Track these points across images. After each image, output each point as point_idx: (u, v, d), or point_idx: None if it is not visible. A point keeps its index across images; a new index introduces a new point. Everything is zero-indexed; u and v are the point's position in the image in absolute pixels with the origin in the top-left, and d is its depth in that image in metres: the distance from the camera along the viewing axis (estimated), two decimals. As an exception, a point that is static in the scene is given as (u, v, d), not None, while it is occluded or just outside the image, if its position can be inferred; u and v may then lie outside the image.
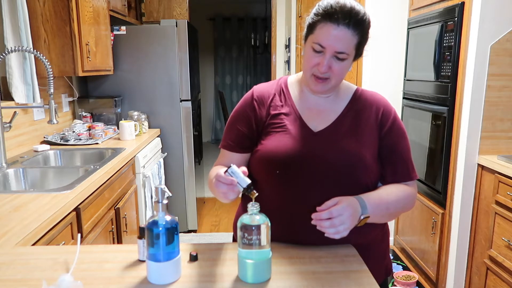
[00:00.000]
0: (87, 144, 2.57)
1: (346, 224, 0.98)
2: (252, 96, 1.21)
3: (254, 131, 1.18)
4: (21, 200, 1.50)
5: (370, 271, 0.99)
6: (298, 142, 1.13)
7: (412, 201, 1.18)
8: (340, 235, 0.99)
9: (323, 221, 0.98)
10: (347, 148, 1.12)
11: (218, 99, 7.21)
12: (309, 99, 1.20)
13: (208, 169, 4.68)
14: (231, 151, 1.21)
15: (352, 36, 1.06)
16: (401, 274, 2.65)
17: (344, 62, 1.09)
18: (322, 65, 1.08)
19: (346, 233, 0.99)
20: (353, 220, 1.00)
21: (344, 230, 0.98)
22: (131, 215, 2.45)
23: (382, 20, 2.93)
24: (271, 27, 4.56)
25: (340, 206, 0.99)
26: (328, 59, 1.07)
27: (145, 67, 3.27)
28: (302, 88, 1.21)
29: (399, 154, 1.17)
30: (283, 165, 1.11)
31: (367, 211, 1.04)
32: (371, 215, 1.05)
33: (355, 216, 1.01)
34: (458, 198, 2.29)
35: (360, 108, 1.18)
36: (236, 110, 1.23)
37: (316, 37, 1.07)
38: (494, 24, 2.10)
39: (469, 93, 2.18)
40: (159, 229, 0.90)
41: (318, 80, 1.11)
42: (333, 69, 1.09)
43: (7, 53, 1.92)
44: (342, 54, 1.07)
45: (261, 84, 1.26)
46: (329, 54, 1.07)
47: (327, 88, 1.14)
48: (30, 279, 0.95)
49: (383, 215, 1.12)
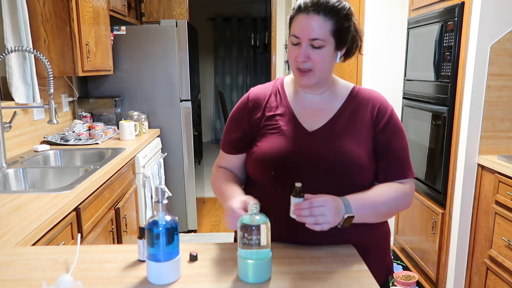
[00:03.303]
0: (87, 144, 2.57)
1: (326, 216, 0.98)
2: (247, 99, 1.23)
3: (248, 134, 1.20)
4: (21, 200, 1.50)
5: (371, 271, 0.99)
6: (292, 142, 1.13)
7: (406, 201, 1.16)
8: (320, 227, 0.98)
9: (302, 210, 0.98)
10: (342, 148, 1.12)
11: (218, 99, 7.21)
12: (305, 98, 1.20)
13: (208, 169, 4.68)
14: (228, 154, 1.26)
15: (324, 21, 1.07)
16: (401, 274, 2.65)
17: (322, 50, 1.08)
18: (299, 55, 1.09)
19: (327, 227, 0.99)
20: (335, 215, 0.99)
21: (323, 222, 0.98)
22: (131, 215, 2.45)
23: (382, 20, 2.93)
24: (271, 27, 4.56)
25: (321, 197, 1.00)
26: (304, 48, 1.08)
27: (145, 67, 3.27)
28: (296, 87, 1.22)
29: (393, 152, 1.15)
30: (277, 166, 1.12)
31: (351, 210, 1.03)
32: (356, 215, 1.04)
33: (337, 211, 1.00)
34: (458, 198, 2.29)
35: (357, 107, 1.17)
36: (234, 112, 1.26)
37: (292, 30, 1.11)
38: (494, 24, 2.10)
39: (469, 93, 2.18)
40: (159, 229, 0.90)
41: (302, 74, 1.12)
42: (312, 59, 1.09)
43: (7, 53, 1.92)
44: (316, 40, 1.07)
45: (258, 86, 1.27)
46: (304, 43, 1.08)
47: (313, 81, 1.13)
48: (30, 279, 0.95)
49: (371, 215, 1.11)
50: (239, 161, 1.25)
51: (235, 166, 1.26)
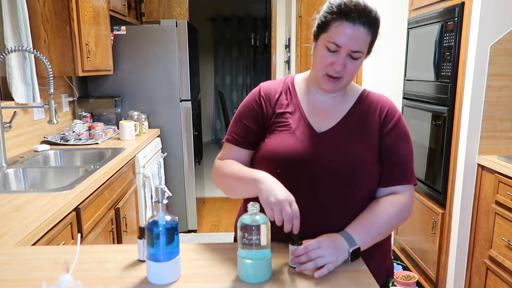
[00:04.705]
0: (87, 144, 2.57)
1: (324, 257, 0.96)
2: (259, 93, 1.21)
3: (260, 127, 1.18)
4: (21, 200, 1.50)
5: (371, 272, 0.99)
6: (301, 142, 1.12)
7: (407, 212, 1.14)
8: (327, 269, 0.95)
9: (299, 256, 0.97)
10: (349, 151, 1.11)
11: (218, 99, 7.21)
12: (315, 98, 1.19)
13: (208, 169, 4.68)
14: (237, 146, 1.19)
15: (367, 35, 1.06)
16: (401, 274, 2.65)
17: (357, 61, 1.09)
18: (337, 64, 1.07)
19: (332, 266, 0.96)
20: (334, 253, 0.98)
21: (324, 263, 0.96)
22: (131, 215, 2.45)
23: (382, 20, 2.93)
24: (271, 27, 4.56)
25: (315, 240, 0.99)
26: (343, 58, 1.07)
27: (145, 67, 3.27)
28: (309, 87, 1.21)
29: (396, 156, 1.14)
30: (284, 164, 1.11)
31: (355, 243, 1.02)
32: (362, 244, 1.02)
33: (335, 249, 0.98)
34: (458, 198, 2.29)
35: (365, 110, 1.17)
36: (244, 105, 1.22)
37: (331, 36, 1.06)
38: (494, 24, 2.10)
39: (469, 93, 2.18)
40: (159, 229, 0.90)
41: (331, 80, 1.10)
42: (347, 68, 1.08)
43: (7, 53, 1.92)
44: (357, 53, 1.06)
45: (268, 81, 1.26)
46: (344, 53, 1.06)
47: (339, 88, 1.13)
48: (30, 279, 0.95)
49: (377, 238, 1.09)
50: (246, 157, 1.20)
51: (242, 162, 1.19)
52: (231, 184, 1.16)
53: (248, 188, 1.07)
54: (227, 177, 1.16)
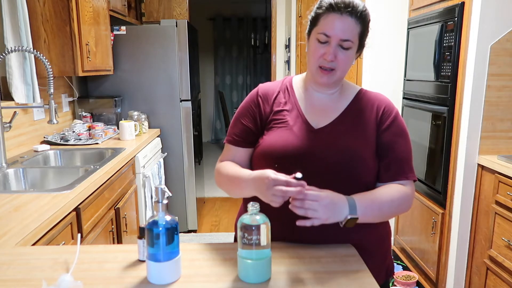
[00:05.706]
0: (87, 144, 2.57)
1: (316, 212, 0.98)
2: (257, 93, 1.25)
3: (258, 127, 1.21)
4: (21, 200, 1.50)
5: (371, 272, 0.99)
6: (298, 138, 1.14)
7: (407, 203, 1.16)
8: (311, 222, 0.98)
9: (295, 200, 0.99)
10: (346, 146, 1.13)
11: (218, 99, 7.21)
12: (313, 96, 1.22)
13: (208, 169, 4.68)
14: (236, 146, 1.24)
15: (356, 24, 1.10)
16: (401, 274, 2.65)
17: (349, 51, 1.11)
18: (328, 53, 1.10)
19: (317, 222, 0.99)
20: (328, 213, 0.99)
21: (312, 215, 0.98)
22: (131, 215, 2.45)
23: (382, 20, 2.93)
24: (271, 27, 4.56)
25: (317, 192, 1.00)
26: (334, 48, 1.10)
27: (145, 67, 3.27)
28: (306, 86, 1.23)
29: (395, 152, 1.16)
30: (281, 159, 1.12)
31: (356, 212, 1.03)
32: (361, 216, 1.03)
33: (332, 210, 1.00)
34: (458, 198, 2.29)
35: (362, 107, 1.19)
36: (242, 106, 1.26)
37: (321, 28, 1.11)
38: (494, 24, 2.10)
39: (469, 93, 2.18)
40: (159, 229, 0.90)
41: (324, 72, 1.13)
42: (338, 59, 1.11)
43: (7, 53, 1.92)
44: (347, 42, 1.09)
45: (267, 82, 1.29)
46: (334, 42, 1.10)
47: (333, 80, 1.15)
48: (30, 279, 0.95)
49: (376, 216, 1.11)
50: (246, 156, 1.23)
51: (241, 161, 1.23)
52: (229, 189, 1.22)
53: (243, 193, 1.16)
54: (225, 180, 1.21)
